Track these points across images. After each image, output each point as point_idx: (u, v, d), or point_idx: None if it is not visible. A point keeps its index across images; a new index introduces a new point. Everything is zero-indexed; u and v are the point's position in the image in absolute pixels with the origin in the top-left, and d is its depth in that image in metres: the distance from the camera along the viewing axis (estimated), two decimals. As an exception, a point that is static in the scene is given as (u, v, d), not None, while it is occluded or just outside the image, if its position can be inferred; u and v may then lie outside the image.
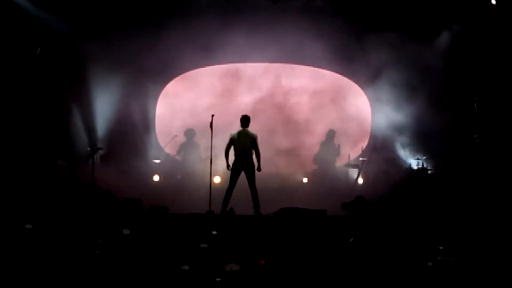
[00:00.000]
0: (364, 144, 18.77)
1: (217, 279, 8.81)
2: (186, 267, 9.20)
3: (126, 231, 11.41)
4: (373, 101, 18.76)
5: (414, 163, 17.84)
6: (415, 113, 17.72)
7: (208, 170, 15.56)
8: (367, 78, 18.45)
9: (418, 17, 17.70)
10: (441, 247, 10.89)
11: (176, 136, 18.37)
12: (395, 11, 17.69)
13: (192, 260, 9.65)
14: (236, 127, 15.33)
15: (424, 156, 17.70)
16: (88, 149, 17.23)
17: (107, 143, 17.92)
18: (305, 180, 18.24)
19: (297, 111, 18.75)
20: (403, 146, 18.13)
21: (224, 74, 18.99)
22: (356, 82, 18.99)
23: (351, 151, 18.50)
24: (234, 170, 15.12)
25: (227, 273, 9.13)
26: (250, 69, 18.99)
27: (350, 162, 18.45)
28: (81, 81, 17.86)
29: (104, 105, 18.07)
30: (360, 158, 18.42)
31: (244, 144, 15.09)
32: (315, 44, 17.65)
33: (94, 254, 9.63)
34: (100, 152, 17.25)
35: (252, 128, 15.31)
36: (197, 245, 10.62)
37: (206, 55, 18.20)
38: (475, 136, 17.35)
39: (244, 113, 15.51)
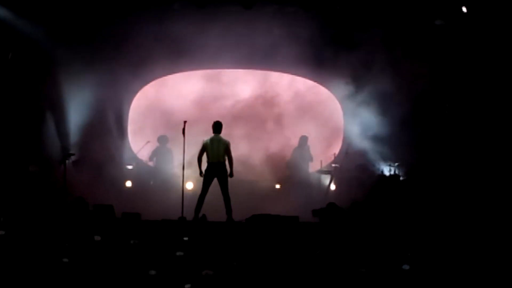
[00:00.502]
0: (336, 150, 18.84)
1: (186, 286, 8.80)
2: (153, 272, 9.17)
3: (97, 238, 11.37)
4: (346, 107, 18.83)
5: (386, 169, 17.92)
6: (387, 119, 17.82)
7: (181, 176, 15.62)
8: (339, 84, 18.44)
9: (393, 22, 17.77)
10: (409, 253, 10.96)
11: (148, 142, 18.32)
12: (369, 17, 17.75)
13: (162, 266, 9.64)
14: (210, 133, 15.35)
15: (396, 162, 17.77)
16: (61, 154, 17.16)
17: (79, 149, 17.82)
18: (277, 186, 18.27)
19: (270, 117, 18.78)
20: (375, 152, 18.19)
21: (197, 80, 19.01)
22: (328, 88, 19.03)
23: (324, 157, 18.56)
24: (207, 177, 15.14)
25: (198, 279, 9.13)
26: (223, 75, 19.02)
27: (322, 168, 18.51)
28: (53, 86, 17.77)
29: (77, 110, 17.98)
30: (333, 164, 18.47)
31: (217, 151, 15.11)
32: (288, 51, 17.68)
33: (62, 262, 9.57)
34: (73, 157, 17.15)
35: (224, 134, 15.34)
36: (169, 252, 10.59)
37: (179, 61, 18.22)
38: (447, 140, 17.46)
39: (217, 119, 15.53)
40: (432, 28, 17.63)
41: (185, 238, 11.84)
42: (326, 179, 18.37)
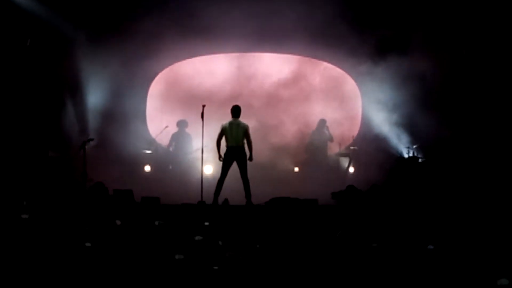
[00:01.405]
0: (355, 132, 18.83)
1: (215, 267, 8.88)
2: (180, 256, 9.23)
3: (117, 222, 11.44)
4: (363, 90, 18.81)
5: (405, 151, 17.89)
6: (406, 102, 17.78)
7: (200, 160, 15.67)
8: (357, 67, 18.38)
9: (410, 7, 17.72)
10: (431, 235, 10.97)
11: (167, 126, 18.35)
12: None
13: (186, 249, 9.70)
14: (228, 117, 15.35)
15: (415, 144, 17.75)
16: (80, 139, 17.22)
17: (99, 134, 17.85)
18: (296, 169, 18.29)
19: (288, 100, 18.76)
20: (394, 134, 18.17)
21: (216, 63, 19.03)
22: (346, 70, 19.01)
23: (342, 140, 18.55)
24: (226, 161, 15.13)
25: (224, 261, 9.20)
26: (241, 58, 19.04)
27: (341, 151, 18.52)
28: (72, 72, 17.83)
29: (95, 94, 18.06)
30: (351, 147, 18.49)
31: (236, 135, 15.09)
32: (305, 32, 17.67)
33: (85, 246, 9.66)
34: (92, 143, 17.18)
35: (242, 119, 15.33)
36: (191, 236, 10.64)
37: (196, 44, 18.20)
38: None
39: (235, 103, 15.51)
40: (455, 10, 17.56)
41: (206, 223, 11.87)
42: (344, 162, 18.39)
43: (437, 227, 11.69)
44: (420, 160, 17.59)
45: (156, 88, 19.03)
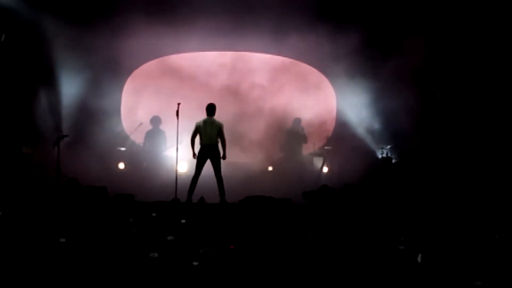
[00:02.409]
0: (329, 133, 18.90)
1: (194, 263, 8.89)
2: (155, 255, 9.23)
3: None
4: (338, 90, 18.88)
5: (378, 152, 17.99)
6: (380, 102, 17.88)
7: (174, 157, 15.67)
8: (332, 67, 18.46)
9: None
10: (403, 238, 11.03)
11: (141, 124, 18.31)
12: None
13: (161, 248, 9.70)
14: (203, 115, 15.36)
15: (388, 145, 17.85)
16: (55, 135, 17.15)
17: (73, 130, 17.77)
18: (270, 168, 18.31)
19: (263, 99, 18.75)
20: (368, 135, 18.26)
21: (192, 60, 18.99)
22: (321, 70, 19.06)
23: (316, 140, 18.61)
24: (200, 159, 15.16)
25: (202, 257, 9.21)
26: (218, 56, 19.02)
27: (315, 151, 18.58)
28: (47, 68, 17.75)
29: (70, 91, 17.98)
30: (325, 147, 18.55)
31: (210, 133, 15.12)
32: (279, 32, 17.75)
33: (59, 242, 9.64)
34: (66, 139, 17.11)
35: (217, 117, 15.34)
36: (164, 234, 10.64)
37: (172, 44, 18.23)
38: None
39: (209, 102, 15.53)
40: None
41: (183, 221, 11.87)
42: (318, 162, 18.43)
43: (408, 228, 11.77)
44: (393, 161, 17.69)
45: (131, 85, 18.94)
